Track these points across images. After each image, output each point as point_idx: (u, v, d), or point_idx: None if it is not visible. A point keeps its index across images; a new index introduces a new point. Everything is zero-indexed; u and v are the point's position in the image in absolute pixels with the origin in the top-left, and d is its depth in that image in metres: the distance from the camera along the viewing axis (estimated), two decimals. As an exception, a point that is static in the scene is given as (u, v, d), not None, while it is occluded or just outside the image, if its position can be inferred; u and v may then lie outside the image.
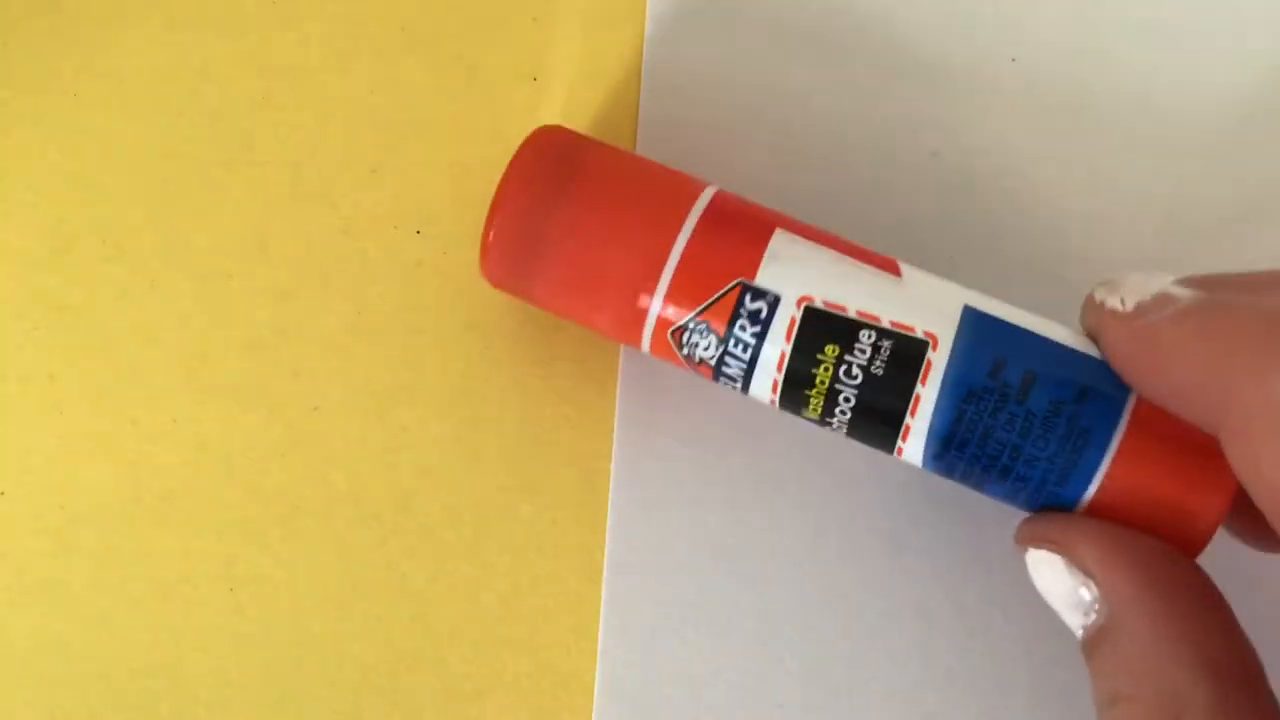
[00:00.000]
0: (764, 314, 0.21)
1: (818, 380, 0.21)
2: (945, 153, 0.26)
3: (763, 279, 0.21)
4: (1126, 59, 0.26)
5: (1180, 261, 0.25)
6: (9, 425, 0.25)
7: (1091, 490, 0.20)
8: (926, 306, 0.21)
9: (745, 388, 0.22)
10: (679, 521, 0.25)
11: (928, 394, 0.20)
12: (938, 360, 0.20)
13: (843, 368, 0.21)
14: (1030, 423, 0.20)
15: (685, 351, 0.21)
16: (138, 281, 0.26)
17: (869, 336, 0.21)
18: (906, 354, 0.20)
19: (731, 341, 0.21)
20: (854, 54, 0.26)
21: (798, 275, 0.21)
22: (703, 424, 0.25)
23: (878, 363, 0.20)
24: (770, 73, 0.26)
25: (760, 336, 0.21)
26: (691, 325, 0.21)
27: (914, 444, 0.21)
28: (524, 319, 0.25)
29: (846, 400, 0.21)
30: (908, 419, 0.21)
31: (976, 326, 0.21)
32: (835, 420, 0.21)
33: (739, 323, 0.21)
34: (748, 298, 0.21)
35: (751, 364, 0.21)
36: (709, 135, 0.26)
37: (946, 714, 0.24)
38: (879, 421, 0.21)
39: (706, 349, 0.21)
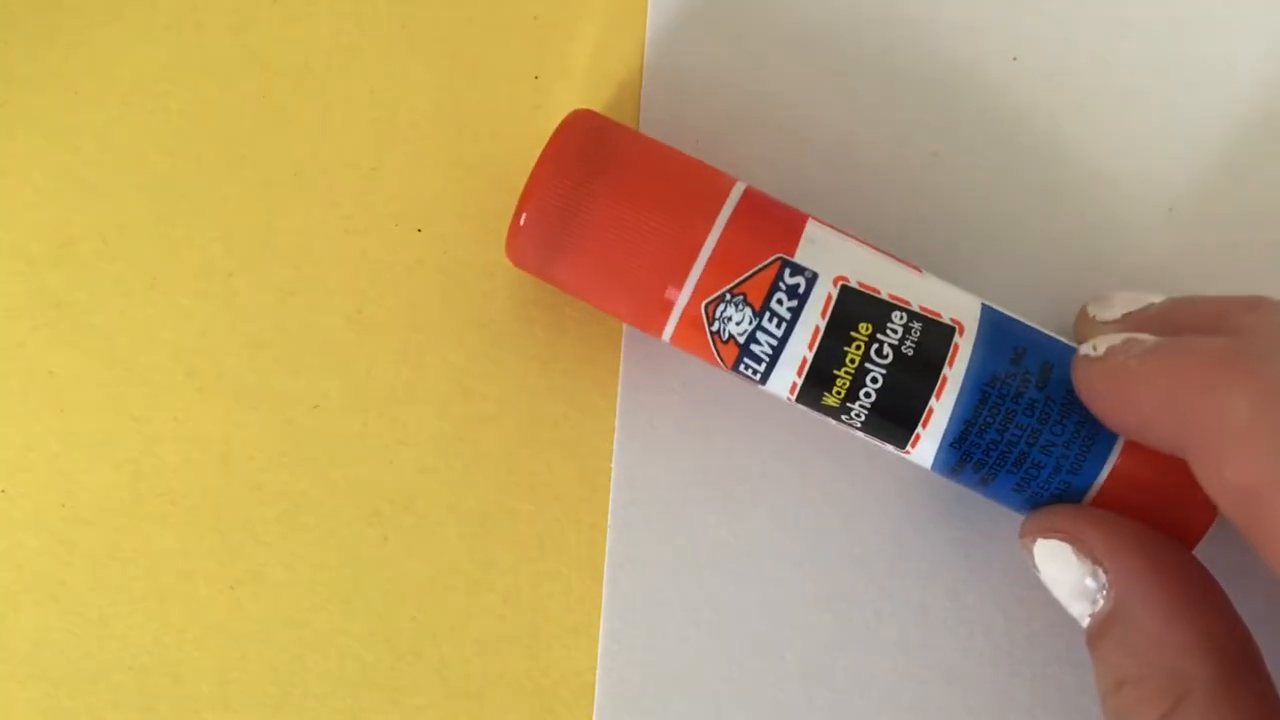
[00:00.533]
0: (802, 289, 0.21)
1: (848, 359, 0.21)
2: (945, 153, 0.26)
3: (801, 257, 0.21)
4: (1127, 59, 0.26)
5: (1180, 261, 0.25)
6: (10, 423, 0.25)
7: (1101, 479, 0.21)
8: (949, 299, 0.21)
9: (769, 369, 0.22)
10: (679, 521, 0.25)
11: (954, 376, 0.21)
12: (964, 345, 0.21)
13: (875, 346, 0.21)
14: (1050, 408, 0.21)
15: (715, 326, 0.21)
16: (138, 281, 0.26)
17: (901, 317, 0.21)
18: (936, 336, 0.21)
19: (766, 315, 0.21)
20: (854, 54, 0.26)
21: (833, 257, 0.21)
22: (703, 424, 0.25)
23: (909, 343, 0.21)
24: (770, 73, 0.26)
25: (797, 311, 0.21)
26: (728, 297, 0.21)
27: (932, 432, 0.21)
28: (525, 318, 0.25)
29: (874, 381, 0.21)
30: (932, 402, 0.21)
31: (995, 321, 0.21)
32: (856, 406, 0.21)
33: (776, 296, 0.21)
34: (787, 272, 0.21)
35: (783, 340, 0.21)
36: (711, 134, 0.26)
37: (947, 713, 0.24)
38: (902, 407, 0.21)
39: (740, 323, 0.21)
